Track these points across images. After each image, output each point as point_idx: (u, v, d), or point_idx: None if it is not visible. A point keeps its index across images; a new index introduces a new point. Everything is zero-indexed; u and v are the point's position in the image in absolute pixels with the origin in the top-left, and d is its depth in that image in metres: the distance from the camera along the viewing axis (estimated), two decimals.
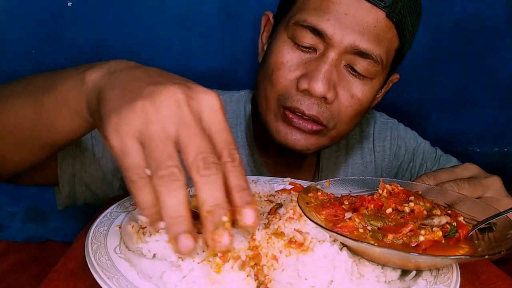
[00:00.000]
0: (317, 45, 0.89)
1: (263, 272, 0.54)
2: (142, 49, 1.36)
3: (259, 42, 1.07)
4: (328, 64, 0.87)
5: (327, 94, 0.88)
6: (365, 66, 0.89)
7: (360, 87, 0.92)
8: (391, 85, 1.09)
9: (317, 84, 0.86)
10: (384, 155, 1.21)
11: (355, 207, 0.66)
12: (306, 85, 0.88)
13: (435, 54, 1.50)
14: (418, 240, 0.57)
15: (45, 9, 1.26)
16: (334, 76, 0.89)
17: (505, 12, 1.46)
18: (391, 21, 0.88)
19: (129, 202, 0.74)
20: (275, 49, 0.93)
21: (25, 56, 1.29)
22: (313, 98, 0.89)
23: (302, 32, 0.88)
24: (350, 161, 1.19)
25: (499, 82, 1.55)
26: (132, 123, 0.49)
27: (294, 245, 0.57)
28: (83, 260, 0.57)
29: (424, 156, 1.22)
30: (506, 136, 1.61)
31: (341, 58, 0.89)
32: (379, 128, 1.22)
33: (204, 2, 1.34)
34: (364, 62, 0.89)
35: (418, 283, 0.57)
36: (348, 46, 0.87)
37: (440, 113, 1.58)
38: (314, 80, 0.87)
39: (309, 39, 0.88)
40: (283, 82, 0.91)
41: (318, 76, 0.86)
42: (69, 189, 0.96)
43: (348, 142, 1.20)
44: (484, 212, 0.65)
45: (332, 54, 0.87)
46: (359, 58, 0.89)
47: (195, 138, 0.49)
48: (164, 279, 0.53)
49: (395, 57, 0.96)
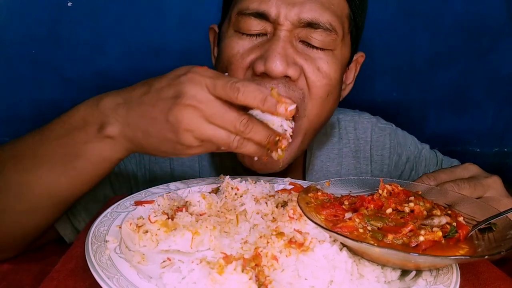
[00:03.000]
0: (265, 28, 0.86)
1: (264, 273, 0.54)
2: (142, 49, 1.36)
3: (212, 58, 1.04)
4: (281, 41, 0.84)
5: (288, 70, 0.83)
6: (319, 37, 0.86)
7: (324, 58, 0.87)
8: (360, 67, 1.04)
9: (273, 62, 0.81)
10: (383, 164, 1.16)
11: (355, 207, 0.65)
12: (262, 66, 0.83)
13: (435, 54, 1.50)
14: (418, 240, 0.57)
15: (45, 9, 1.27)
16: (291, 52, 0.85)
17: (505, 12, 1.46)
18: None
19: (129, 202, 0.75)
20: (224, 46, 0.90)
21: (25, 56, 1.29)
22: (274, 80, 0.84)
23: (246, 20, 0.85)
24: (343, 172, 1.13)
25: (499, 82, 1.55)
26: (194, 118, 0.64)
27: (294, 245, 0.57)
28: (83, 260, 0.57)
29: (427, 163, 1.19)
30: (506, 136, 1.61)
31: (293, 34, 0.85)
32: (377, 135, 1.16)
33: (204, 2, 1.34)
34: (316, 34, 0.85)
35: (418, 283, 0.57)
36: (294, 20, 0.84)
37: (440, 113, 1.58)
38: (269, 59, 0.82)
39: (256, 25, 0.85)
40: (240, 72, 0.87)
41: (272, 55, 0.82)
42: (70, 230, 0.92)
43: (341, 151, 1.14)
44: (484, 212, 0.65)
45: (282, 33, 0.84)
46: (310, 30, 0.85)
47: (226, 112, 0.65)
48: (164, 281, 0.53)
49: (351, 27, 0.92)
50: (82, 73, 1.36)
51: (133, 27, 1.33)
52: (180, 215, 0.66)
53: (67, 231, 0.91)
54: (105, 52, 1.33)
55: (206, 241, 0.62)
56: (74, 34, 1.30)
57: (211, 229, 0.63)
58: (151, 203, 0.74)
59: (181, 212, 0.67)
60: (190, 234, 0.61)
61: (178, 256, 0.60)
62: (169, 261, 0.59)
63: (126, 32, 1.33)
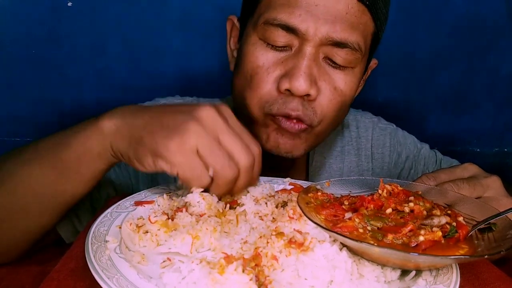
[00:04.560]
0: (291, 42, 0.85)
1: (264, 273, 0.54)
2: (142, 49, 1.36)
3: (228, 49, 1.03)
4: (307, 59, 0.84)
5: (310, 90, 0.84)
6: (344, 56, 0.86)
7: (343, 78, 0.88)
8: (370, 72, 1.05)
9: (298, 82, 0.82)
10: (383, 162, 1.18)
11: (355, 207, 0.65)
12: (287, 84, 0.84)
13: (435, 54, 1.50)
14: (417, 240, 0.57)
15: (45, 9, 1.27)
16: (315, 71, 0.85)
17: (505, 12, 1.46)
18: (363, 4, 0.85)
19: (129, 202, 0.75)
20: (247, 53, 0.88)
21: (25, 56, 1.29)
22: (296, 98, 0.86)
23: (273, 31, 0.84)
24: (345, 169, 1.15)
25: (499, 82, 1.55)
26: (190, 142, 0.64)
27: (294, 245, 0.57)
28: (83, 260, 0.57)
29: (426, 162, 1.20)
30: (506, 136, 1.61)
31: (318, 51, 0.85)
32: (378, 134, 1.18)
33: (204, 3, 1.34)
34: (342, 52, 0.85)
35: (418, 283, 0.57)
36: (322, 38, 0.83)
37: (440, 113, 1.58)
38: (295, 78, 0.83)
39: (282, 38, 0.85)
40: (264, 86, 0.87)
41: (298, 74, 0.83)
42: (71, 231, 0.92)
43: (344, 149, 1.16)
44: (483, 212, 0.65)
45: (308, 49, 0.84)
46: (336, 48, 0.85)
47: (235, 141, 0.67)
48: (164, 281, 0.53)
49: (373, 41, 0.92)
50: (82, 73, 1.36)
51: (133, 27, 1.33)
52: (180, 216, 0.66)
53: (68, 234, 0.91)
54: (105, 52, 1.34)
55: (206, 242, 0.62)
56: (74, 34, 1.30)
57: (212, 231, 0.63)
58: (151, 203, 0.74)
59: (181, 213, 0.67)
60: (190, 239, 0.61)
61: (178, 256, 0.60)
62: (169, 261, 0.59)
63: (126, 32, 1.33)
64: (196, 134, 0.65)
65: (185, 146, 0.64)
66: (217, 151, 0.66)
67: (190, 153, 0.65)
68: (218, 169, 0.66)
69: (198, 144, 0.65)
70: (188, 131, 0.65)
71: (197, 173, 0.65)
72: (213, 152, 0.65)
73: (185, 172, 0.65)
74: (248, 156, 0.68)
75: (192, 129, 0.65)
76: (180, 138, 0.64)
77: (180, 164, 0.65)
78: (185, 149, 0.64)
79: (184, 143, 0.64)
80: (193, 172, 0.65)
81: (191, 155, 0.65)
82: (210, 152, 0.65)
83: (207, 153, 0.65)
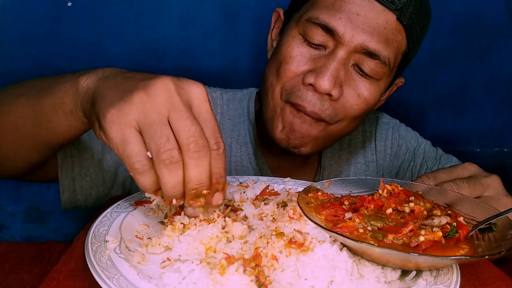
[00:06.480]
0: (327, 42, 0.89)
1: (264, 273, 0.54)
2: (142, 49, 1.36)
3: (268, 39, 1.07)
4: (337, 62, 0.88)
5: (332, 91, 0.88)
6: (373, 66, 0.90)
7: (367, 86, 0.93)
8: (395, 88, 1.10)
9: (323, 80, 0.87)
10: (386, 154, 1.22)
11: (355, 207, 0.66)
12: (312, 79, 0.88)
13: (435, 54, 1.50)
14: (418, 240, 0.57)
15: (45, 9, 1.26)
16: (342, 74, 0.90)
17: (505, 12, 1.46)
18: (401, 24, 0.89)
19: (129, 202, 0.74)
20: (285, 44, 0.94)
21: (25, 56, 1.29)
22: (317, 94, 0.90)
23: (313, 29, 0.89)
24: (352, 160, 1.20)
25: (499, 82, 1.55)
26: (130, 113, 0.55)
27: (294, 245, 0.57)
28: (83, 260, 0.57)
29: (425, 156, 1.23)
30: (506, 136, 1.61)
31: (350, 57, 0.90)
32: (381, 128, 1.23)
33: (204, 2, 1.34)
34: (372, 63, 0.90)
35: (418, 283, 0.57)
36: (357, 45, 0.87)
37: (440, 113, 1.58)
38: (321, 76, 0.87)
39: (320, 36, 0.89)
40: (290, 75, 0.92)
41: (325, 72, 0.87)
42: (69, 195, 0.96)
43: (351, 141, 1.20)
44: (484, 212, 0.65)
45: (341, 52, 0.88)
46: (368, 58, 0.89)
47: (186, 122, 0.54)
48: (164, 281, 0.53)
49: (402, 60, 0.97)
50: None
51: (133, 27, 1.33)
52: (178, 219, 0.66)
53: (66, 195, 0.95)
54: (105, 52, 1.33)
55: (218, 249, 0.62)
56: (74, 34, 1.30)
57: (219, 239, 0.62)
58: (151, 203, 0.74)
59: (179, 216, 0.66)
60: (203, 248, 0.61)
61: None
62: (169, 261, 0.59)
63: (126, 32, 1.33)
64: (140, 106, 0.54)
65: (122, 118, 0.54)
66: (157, 127, 0.54)
67: (126, 127, 0.54)
68: (153, 148, 0.53)
69: (139, 118, 0.54)
70: (131, 101, 0.55)
71: (131, 151, 0.54)
72: (152, 128, 0.54)
73: (118, 147, 0.55)
74: (200, 143, 0.54)
75: (136, 100, 0.54)
76: (119, 108, 0.55)
77: (114, 138, 0.55)
78: (122, 121, 0.54)
79: (122, 114, 0.54)
80: (126, 149, 0.54)
81: (127, 129, 0.54)
82: (149, 127, 0.54)
83: (145, 128, 0.54)
